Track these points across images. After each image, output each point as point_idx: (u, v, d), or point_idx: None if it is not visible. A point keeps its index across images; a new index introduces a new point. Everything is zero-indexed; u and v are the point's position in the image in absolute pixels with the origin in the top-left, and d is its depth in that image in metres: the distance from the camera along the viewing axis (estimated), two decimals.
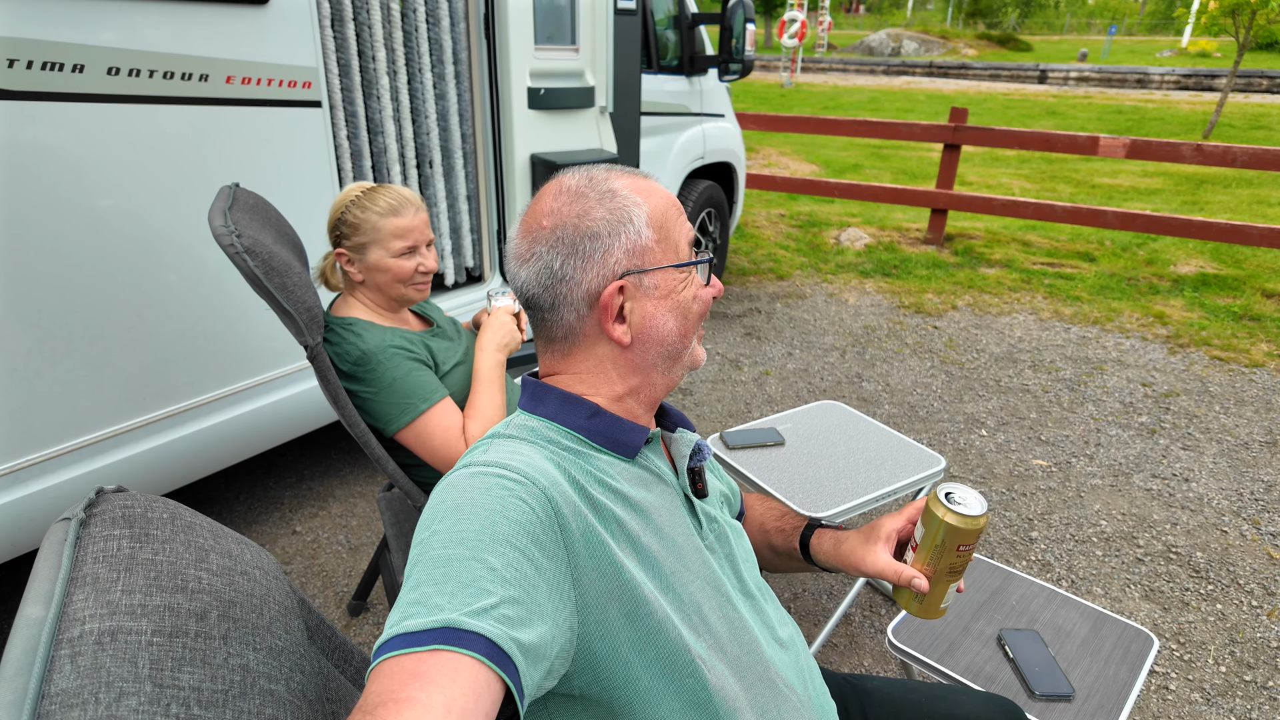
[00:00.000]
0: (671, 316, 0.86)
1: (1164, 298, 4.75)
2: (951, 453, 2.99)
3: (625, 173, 0.88)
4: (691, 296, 0.87)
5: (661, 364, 0.88)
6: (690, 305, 0.87)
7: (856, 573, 0.94)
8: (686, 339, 0.88)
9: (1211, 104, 15.21)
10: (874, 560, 0.91)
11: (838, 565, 0.98)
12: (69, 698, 0.51)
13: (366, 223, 1.48)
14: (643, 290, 0.84)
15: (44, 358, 1.71)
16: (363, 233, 1.49)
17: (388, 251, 1.49)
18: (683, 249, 0.87)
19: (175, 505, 0.71)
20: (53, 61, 1.60)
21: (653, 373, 0.88)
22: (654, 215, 0.85)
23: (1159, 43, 36.29)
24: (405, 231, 1.50)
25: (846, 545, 0.96)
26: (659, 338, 0.86)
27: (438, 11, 2.51)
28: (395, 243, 1.49)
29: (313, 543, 2.42)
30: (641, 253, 0.84)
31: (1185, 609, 2.18)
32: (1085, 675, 1.33)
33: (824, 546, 1.01)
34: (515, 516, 0.67)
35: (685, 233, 0.88)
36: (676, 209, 0.88)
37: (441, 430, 1.45)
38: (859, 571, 0.93)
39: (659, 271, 0.85)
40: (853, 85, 20.51)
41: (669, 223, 0.86)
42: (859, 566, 0.93)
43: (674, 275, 0.86)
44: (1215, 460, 2.94)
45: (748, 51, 3.93)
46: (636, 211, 0.84)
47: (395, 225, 1.49)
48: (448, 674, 0.54)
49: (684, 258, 0.87)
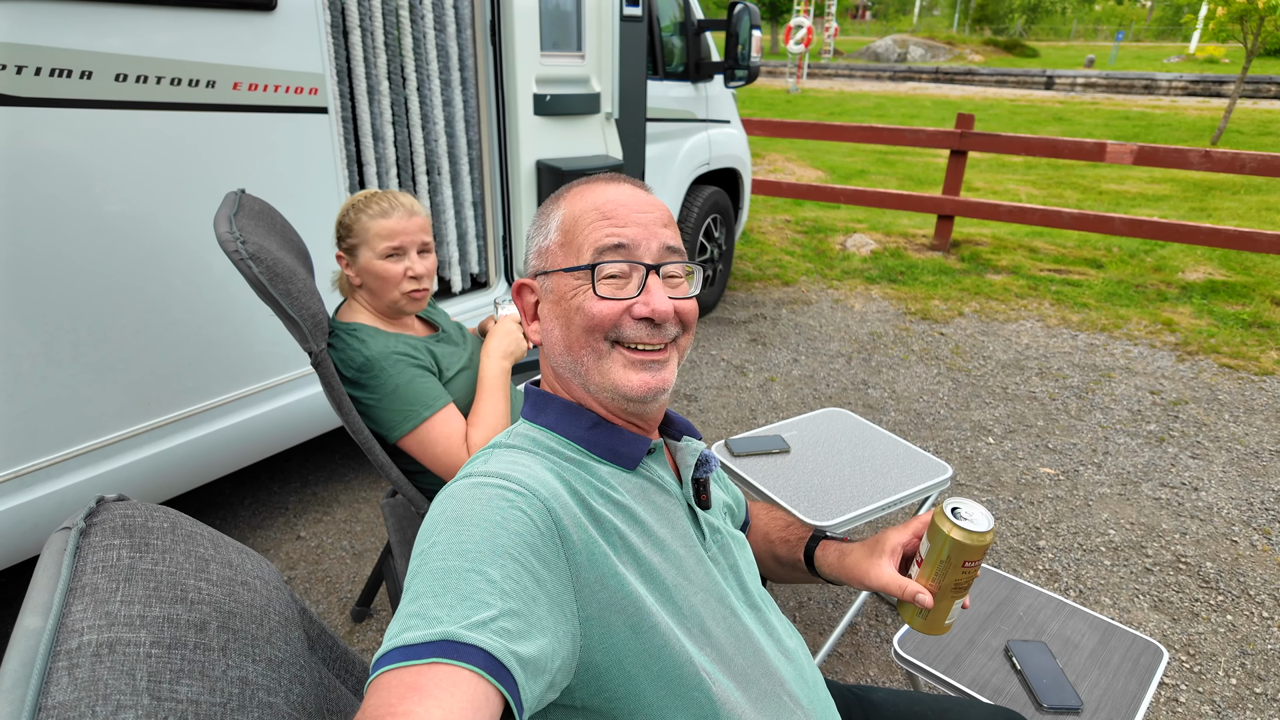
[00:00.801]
0: (557, 324, 0.84)
1: (1172, 305, 4.72)
2: (958, 461, 2.97)
3: (594, 179, 0.87)
4: (575, 306, 0.81)
5: (572, 377, 0.84)
6: (571, 313, 0.81)
7: (860, 586, 0.92)
8: (573, 351, 0.82)
9: (1219, 110, 15.16)
10: (878, 574, 0.89)
11: (842, 578, 0.96)
12: (66, 710, 0.50)
13: (358, 224, 1.50)
14: (544, 293, 0.86)
15: (50, 362, 1.72)
16: (354, 235, 1.51)
17: (374, 253, 1.50)
18: (585, 255, 0.81)
19: (176, 514, 0.71)
20: (61, 68, 1.61)
21: (573, 385, 0.85)
22: (567, 218, 0.84)
23: (1167, 48, 36.21)
24: (391, 233, 1.49)
25: (851, 558, 0.94)
26: (551, 343, 0.86)
27: (444, 18, 2.52)
28: (381, 244, 1.49)
29: (317, 548, 2.42)
30: (545, 255, 0.85)
31: (1195, 620, 2.16)
32: (1094, 687, 1.31)
33: (828, 558, 0.99)
34: (515, 528, 0.66)
35: (595, 239, 0.81)
36: (600, 215, 0.82)
37: (444, 438, 1.45)
38: (863, 585, 0.92)
39: (556, 275, 0.84)
40: (859, 91, 20.51)
41: (580, 226, 0.82)
42: (863, 580, 0.91)
43: (567, 281, 0.82)
44: (1225, 469, 2.92)
45: (753, 57, 3.93)
46: (555, 214, 0.85)
47: (381, 226, 1.49)
48: (446, 687, 0.54)
49: (581, 264, 0.81)
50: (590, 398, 0.85)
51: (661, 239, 0.83)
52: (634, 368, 0.81)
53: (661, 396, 0.83)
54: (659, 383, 0.82)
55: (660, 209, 0.86)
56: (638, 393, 0.81)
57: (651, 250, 0.82)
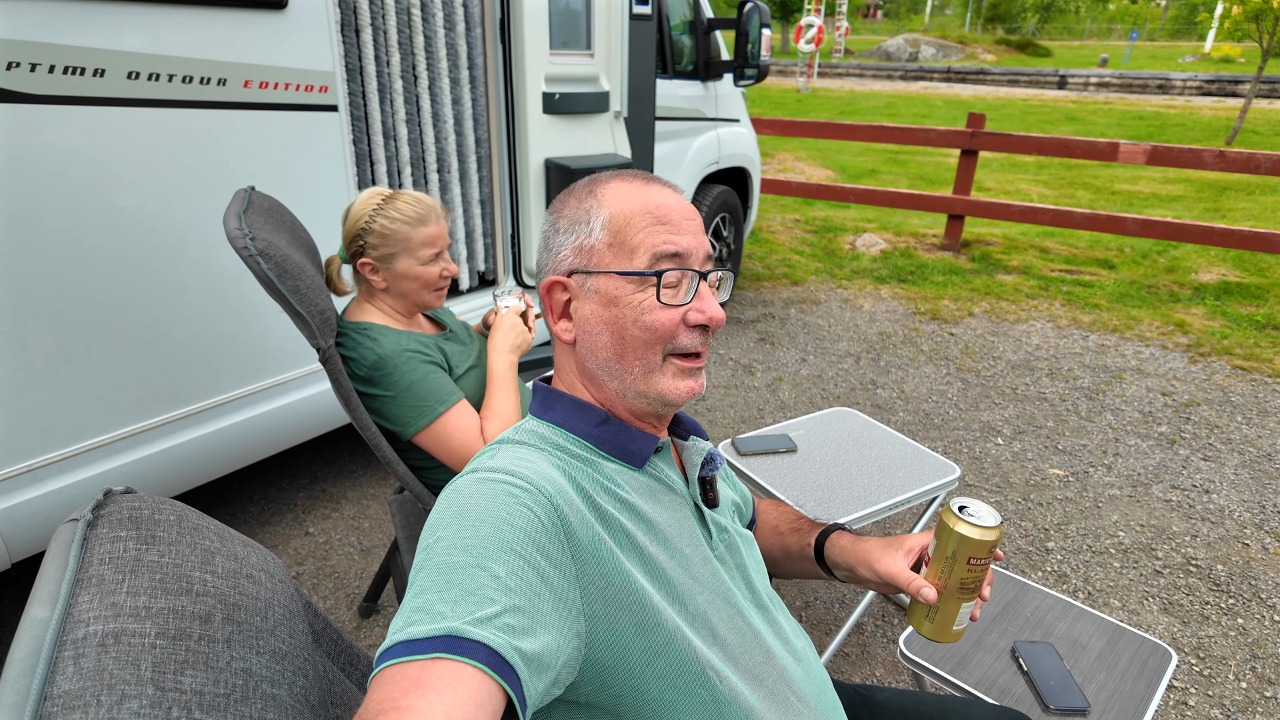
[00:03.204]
0: (605, 329, 0.81)
1: (1185, 306, 4.68)
2: (966, 461, 2.96)
3: (633, 177, 0.85)
4: (634, 316, 0.79)
5: (609, 380, 0.83)
6: (628, 324, 0.80)
7: (868, 570, 0.92)
8: (624, 361, 0.81)
9: (1235, 110, 15.02)
10: (888, 563, 0.90)
11: (851, 561, 0.95)
12: (71, 699, 0.51)
13: (397, 233, 1.49)
14: (585, 292, 0.83)
15: (62, 358, 1.73)
16: (392, 243, 1.50)
17: (417, 260, 1.51)
18: (640, 260, 0.80)
19: (183, 507, 0.72)
20: (74, 66, 1.62)
21: (604, 386, 0.84)
22: (614, 218, 0.81)
23: (1181, 48, 35.91)
24: (434, 239, 1.52)
25: (864, 545, 0.95)
26: (594, 347, 0.83)
27: (454, 16, 2.53)
28: (425, 251, 1.51)
29: (325, 544, 2.43)
30: (588, 253, 0.82)
31: (1205, 623, 2.14)
32: (1101, 689, 1.30)
33: (841, 542, 0.99)
34: (521, 524, 0.66)
35: (654, 244, 0.80)
36: (655, 219, 0.81)
37: (460, 432, 1.46)
38: (871, 569, 0.91)
39: (604, 276, 0.81)
40: (869, 90, 20.44)
41: (632, 228, 0.81)
42: (873, 566, 0.91)
43: (619, 284, 0.80)
44: (1237, 472, 2.89)
45: (763, 56, 3.92)
46: (598, 211, 0.83)
47: (425, 234, 1.51)
48: (449, 683, 0.54)
49: (639, 268, 0.79)
50: (619, 401, 0.84)
51: (705, 247, 0.84)
52: (682, 375, 0.82)
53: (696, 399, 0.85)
54: (699, 388, 0.84)
55: (698, 216, 0.86)
56: (683, 399, 0.83)
57: (699, 258, 0.82)
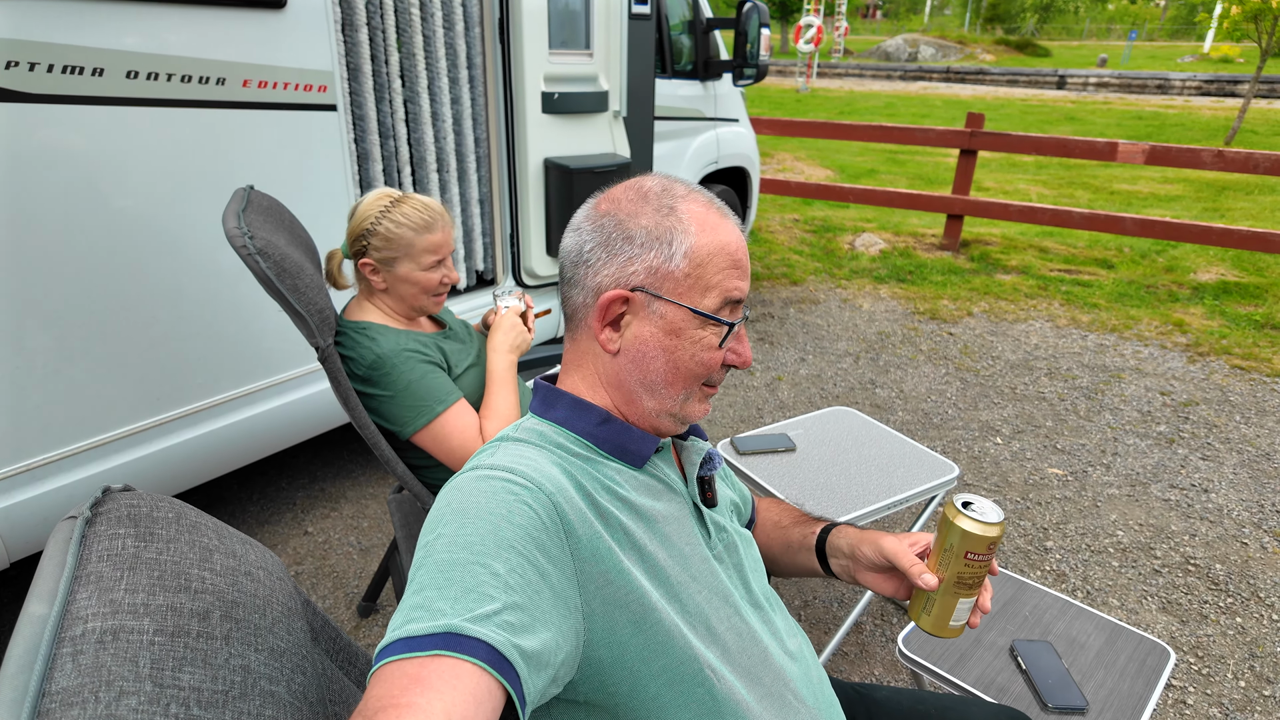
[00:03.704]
0: (662, 355, 0.82)
1: (1183, 305, 4.69)
2: (965, 461, 2.96)
3: (709, 204, 0.84)
4: (692, 352, 0.82)
5: (643, 394, 0.84)
6: (686, 358, 0.82)
7: (871, 548, 0.92)
8: (672, 387, 0.83)
9: (1233, 110, 15.03)
10: (893, 541, 0.91)
11: (855, 541, 0.96)
12: (69, 696, 0.51)
13: (401, 238, 1.49)
14: (648, 312, 0.82)
15: (60, 357, 1.73)
16: (395, 246, 1.50)
17: (418, 266, 1.51)
18: (710, 300, 0.82)
19: (181, 505, 0.72)
20: (73, 65, 1.62)
21: (635, 400, 0.85)
22: (698, 250, 0.81)
23: (1180, 48, 35.93)
24: (438, 247, 1.52)
25: (871, 533, 0.96)
26: (643, 367, 0.83)
27: (453, 16, 2.53)
28: (427, 258, 1.51)
29: (324, 544, 2.43)
30: (663, 277, 0.81)
31: (1204, 622, 2.14)
32: (1099, 688, 1.30)
33: (847, 530, 1.00)
34: (520, 522, 0.67)
35: (727, 289, 0.82)
36: (732, 262, 0.82)
37: (459, 431, 1.46)
38: (874, 546, 0.92)
39: (672, 305, 0.81)
40: (869, 90, 20.45)
41: (711, 267, 0.81)
42: (876, 541, 0.92)
43: (686, 317, 0.81)
44: (1235, 471, 2.90)
45: (762, 56, 3.92)
46: (682, 237, 0.81)
47: (429, 241, 1.51)
48: (448, 680, 0.54)
49: (708, 309, 0.81)
50: (645, 417, 0.85)
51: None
52: (704, 400, 0.88)
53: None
54: (710, 407, 0.90)
55: None
56: (700, 418, 0.88)
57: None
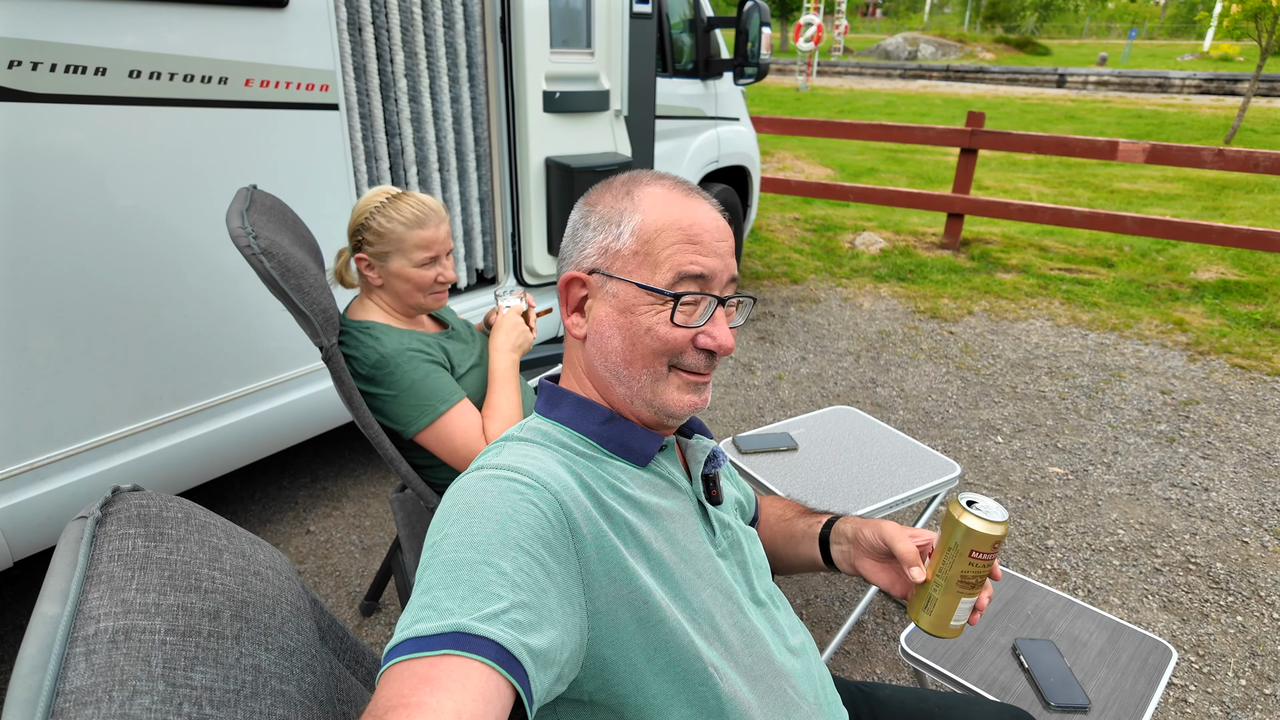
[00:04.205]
0: (618, 334, 0.82)
1: (1184, 304, 4.69)
2: (966, 459, 2.96)
3: (673, 186, 0.84)
4: (646, 327, 0.80)
5: (612, 381, 0.84)
6: (642, 334, 0.81)
7: (872, 532, 0.92)
8: (632, 367, 0.82)
9: (1233, 109, 15.03)
10: (893, 527, 0.90)
11: (857, 525, 0.96)
12: (83, 695, 0.51)
13: (392, 233, 1.49)
14: (604, 293, 0.83)
15: (63, 356, 1.73)
16: (387, 241, 1.50)
17: (410, 261, 1.51)
18: (662, 276, 0.80)
19: (190, 505, 0.72)
20: (76, 65, 1.62)
21: (610, 389, 0.85)
22: (645, 227, 0.81)
23: (1180, 47, 35.91)
24: (429, 243, 1.51)
25: (876, 519, 0.95)
26: (603, 348, 0.84)
27: (453, 15, 2.53)
28: (418, 254, 1.51)
29: (326, 543, 2.44)
30: (613, 256, 0.82)
31: (1205, 620, 2.15)
32: (1102, 687, 1.31)
33: (852, 518, 1.00)
34: (527, 520, 0.67)
35: (679, 264, 0.80)
36: (686, 238, 0.81)
37: (461, 430, 1.46)
38: (875, 530, 0.92)
39: (624, 283, 0.81)
40: (869, 89, 20.43)
41: (661, 242, 0.81)
42: (878, 526, 0.92)
43: (637, 294, 0.81)
44: (1236, 470, 2.90)
45: (763, 55, 3.92)
46: (630, 216, 0.82)
47: (420, 237, 1.50)
48: (458, 679, 0.54)
49: (659, 285, 0.80)
50: (626, 406, 0.85)
51: (731, 269, 0.84)
52: (686, 389, 0.83)
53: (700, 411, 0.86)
54: (701, 403, 0.85)
55: (730, 235, 0.85)
56: (685, 412, 0.84)
57: (722, 281, 0.83)
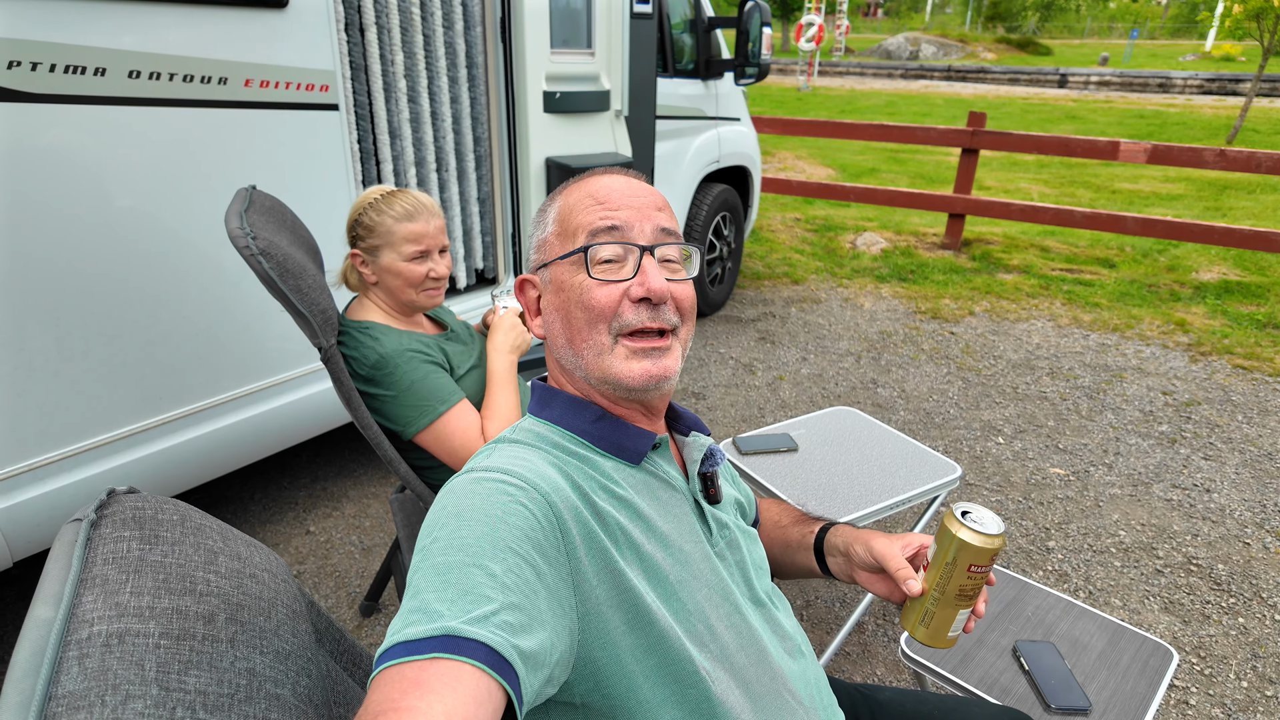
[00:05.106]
0: (558, 315, 0.83)
1: (1185, 305, 4.68)
2: (967, 460, 2.96)
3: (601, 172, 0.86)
4: (575, 297, 0.80)
5: (574, 369, 0.84)
6: (573, 303, 0.80)
7: (863, 548, 0.90)
8: (575, 344, 0.81)
9: (1235, 109, 15.00)
10: (884, 543, 0.89)
11: (849, 539, 0.94)
12: (75, 700, 0.51)
13: (381, 226, 1.50)
14: (545, 285, 0.86)
15: (61, 357, 1.73)
16: (377, 235, 1.50)
17: (399, 255, 1.51)
18: (578, 241, 0.81)
19: (186, 507, 0.72)
20: (75, 65, 1.62)
21: (574, 377, 0.85)
22: (563, 209, 0.83)
23: (1182, 46, 35.86)
24: (418, 236, 1.51)
25: (865, 532, 0.94)
26: (554, 338, 0.85)
27: (452, 15, 2.52)
28: (407, 247, 1.51)
29: (326, 543, 2.44)
30: (543, 246, 0.85)
31: (1206, 622, 2.14)
32: (1103, 689, 1.30)
33: (843, 529, 0.98)
34: (516, 522, 0.67)
35: (588, 223, 0.80)
36: (594, 201, 0.81)
37: (460, 431, 1.46)
38: (865, 546, 0.90)
39: (554, 265, 0.83)
40: (870, 89, 20.42)
41: (574, 214, 0.82)
42: (868, 541, 0.90)
43: (564, 269, 0.81)
44: (1238, 471, 2.90)
45: (764, 55, 3.92)
46: (552, 208, 0.85)
47: (408, 230, 1.50)
48: (448, 682, 0.54)
49: (572, 248, 0.81)
50: (593, 390, 0.85)
51: (656, 221, 0.83)
52: (635, 357, 0.80)
53: (664, 385, 0.81)
54: (660, 370, 0.80)
55: (654, 194, 0.85)
56: (639, 382, 0.80)
57: (645, 232, 0.82)
